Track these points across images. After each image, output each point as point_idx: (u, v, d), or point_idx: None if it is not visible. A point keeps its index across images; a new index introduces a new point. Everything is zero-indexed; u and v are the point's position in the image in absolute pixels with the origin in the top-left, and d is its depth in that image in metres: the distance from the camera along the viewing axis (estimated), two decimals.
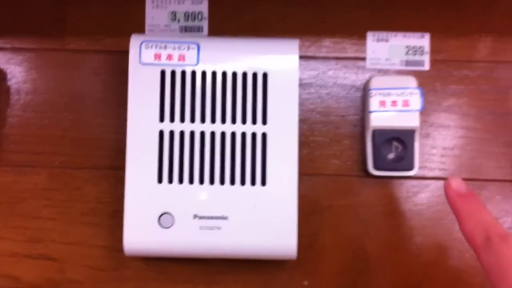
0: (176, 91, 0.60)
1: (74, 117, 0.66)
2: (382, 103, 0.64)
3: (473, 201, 0.51)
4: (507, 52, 0.67)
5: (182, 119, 0.60)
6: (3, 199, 0.65)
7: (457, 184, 0.52)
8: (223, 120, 0.60)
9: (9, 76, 0.67)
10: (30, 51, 0.67)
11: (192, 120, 0.60)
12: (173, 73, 0.60)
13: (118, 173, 0.64)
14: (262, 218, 0.59)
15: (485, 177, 0.66)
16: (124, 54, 0.61)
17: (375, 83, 0.64)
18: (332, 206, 0.66)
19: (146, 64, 0.60)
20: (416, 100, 0.63)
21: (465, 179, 0.63)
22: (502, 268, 0.44)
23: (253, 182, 0.59)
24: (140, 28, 0.67)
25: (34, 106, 0.66)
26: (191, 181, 0.59)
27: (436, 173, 0.66)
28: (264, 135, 0.60)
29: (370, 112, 0.64)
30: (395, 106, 0.63)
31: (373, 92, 0.64)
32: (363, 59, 0.67)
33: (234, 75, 0.60)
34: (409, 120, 0.64)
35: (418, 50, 0.67)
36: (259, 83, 0.60)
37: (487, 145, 0.66)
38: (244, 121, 0.60)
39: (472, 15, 0.67)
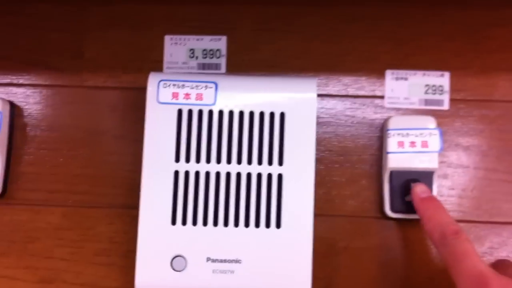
0: (193, 131, 0.60)
1: (89, 154, 0.66)
2: (400, 144, 0.63)
3: (433, 204, 0.58)
4: None
5: (198, 160, 0.59)
6: (16, 238, 0.65)
7: (421, 190, 0.60)
8: (239, 161, 0.59)
9: (25, 112, 0.67)
10: (47, 87, 0.67)
11: (208, 160, 0.59)
12: (190, 113, 0.60)
13: (132, 212, 0.63)
14: (276, 261, 0.58)
15: (504, 220, 0.65)
16: (141, 91, 0.61)
17: (393, 123, 0.64)
18: (348, 248, 0.64)
19: (163, 103, 0.60)
20: (435, 141, 0.62)
21: (483, 222, 0.63)
22: (455, 257, 0.52)
23: (267, 225, 0.58)
24: (158, 65, 0.67)
25: (50, 143, 0.66)
26: (205, 223, 0.58)
27: (454, 215, 0.64)
28: (280, 176, 0.59)
29: (388, 153, 0.63)
30: (413, 147, 0.62)
31: (391, 132, 0.63)
32: (382, 97, 0.67)
33: (251, 114, 0.60)
34: (428, 161, 0.63)
35: (438, 89, 0.66)
36: (276, 123, 0.60)
37: (507, 187, 0.65)
38: (260, 162, 0.59)
39: (492, 53, 0.66)
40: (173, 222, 0.58)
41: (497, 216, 0.65)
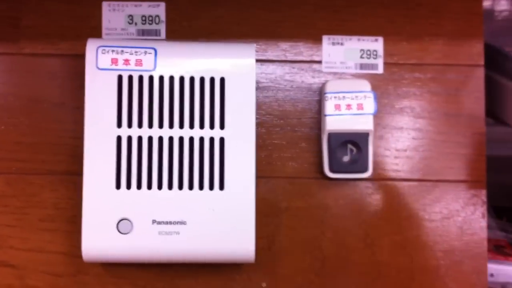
0: (134, 96, 0.60)
1: (30, 122, 0.65)
2: (337, 107, 0.65)
3: None
4: (458, 54, 0.69)
5: (140, 125, 0.60)
6: None
7: None
8: (181, 125, 0.60)
9: None
10: None
11: (150, 125, 0.60)
12: (130, 78, 0.60)
13: (75, 179, 0.64)
14: (221, 222, 0.60)
15: (437, 178, 0.68)
16: (80, 58, 0.62)
17: (330, 86, 0.66)
18: (290, 208, 0.67)
19: (103, 69, 0.60)
20: (370, 104, 0.65)
21: (417, 180, 0.67)
22: None
23: (211, 187, 0.60)
24: (97, 32, 0.67)
25: None
26: (149, 186, 0.59)
27: (390, 175, 0.68)
28: (222, 140, 0.60)
29: (326, 115, 0.65)
30: (349, 109, 0.65)
31: (328, 95, 0.65)
32: (319, 62, 0.68)
33: (192, 79, 0.61)
34: (363, 123, 0.65)
35: (372, 54, 0.69)
36: (216, 88, 0.61)
37: (439, 146, 0.68)
38: (202, 126, 0.60)
39: (423, 19, 0.69)
40: (118, 186, 0.59)
41: (430, 174, 0.68)
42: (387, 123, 0.68)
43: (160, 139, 0.60)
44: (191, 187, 0.60)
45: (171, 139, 0.60)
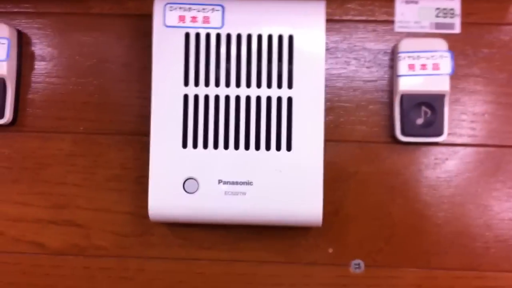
0: (201, 55, 0.59)
1: (98, 82, 0.66)
2: (411, 67, 0.62)
3: None
4: None
5: (207, 83, 0.59)
6: (27, 165, 0.65)
7: None
8: (248, 84, 0.59)
9: (33, 40, 0.66)
10: (53, 15, 0.66)
11: (217, 84, 0.59)
12: (197, 36, 0.59)
13: (142, 139, 0.64)
14: (287, 184, 0.58)
15: None
16: (148, 18, 0.61)
17: (404, 46, 0.63)
18: (358, 172, 0.65)
19: (170, 27, 0.59)
20: (446, 64, 0.62)
21: (494, 146, 0.63)
22: None
23: (278, 147, 0.58)
24: None
25: (58, 71, 0.66)
26: (215, 146, 0.58)
27: (465, 140, 0.64)
28: (289, 100, 0.59)
29: (399, 76, 0.62)
30: (424, 69, 0.62)
31: (402, 55, 0.62)
32: (392, 22, 0.65)
33: (260, 38, 0.59)
34: (439, 84, 0.62)
35: (449, 12, 0.65)
36: (284, 46, 0.59)
37: None
38: (269, 85, 0.59)
39: None
40: (184, 145, 0.58)
41: (509, 140, 0.64)
42: (464, 86, 0.65)
43: (227, 98, 0.59)
44: (257, 147, 0.58)
45: (238, 98, 0.59)
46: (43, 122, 0.65)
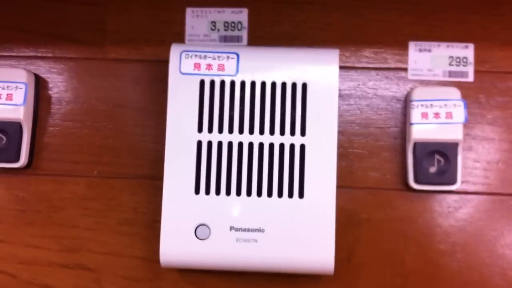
0: (215, 101, 0.60)
1: (113, 126, 0.66)
2: (424, 115, 0.62)
3: None
4: None
5: (221, 130, 0.59)
6: (41, 208, 0.66)
7: None
8: (262, 131, 0.59)
9: (50, 84, 0.67)
10: (71, 60, 0.67)
11: (231, 130, 0.59)
12: (212, 83, 0.60)
13: (156, 183, 0.64)
14: (299, 231, 0.58)
15: None
16: (164, 64, 0.62)
17: (417, 94, 0.63)
18: (371, 219, 0.64)
19: (185, 74, 0.60)
20: (459, 112, 0.62)
21: (508, 194, 0.63)
22: None
23: (290, 194, 0.58)
24: (179, 37, 0.67)
25: (74, 115, 0.67)
26: (228, 192, 0.59)
27: (479, 188, 0.64)
28: (302, 147, 0.59)
29: (412, 124, 0.62)
30: (437, 118, 0.62)
31: (415, 103, 0.63)
32: (405, 69, 0.66)
33: (273, 85, 0.60)
34: (452, 132, 0.62)
35: (462, 61, 0.65)
36: (298, 94, 0.60)
37: None
38: (282, 132, 0.59)
39: None
40: (197, 191, 0.59)
41: None
42: (477, 133, 0.65)
43: (240, 144, 0.59)
44: (270, 194, 0.59)
45: (251, 145, 0.59)
46: (58, 165, 0.66)
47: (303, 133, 0.59)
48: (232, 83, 0.60)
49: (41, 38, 0.68)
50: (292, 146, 0.59)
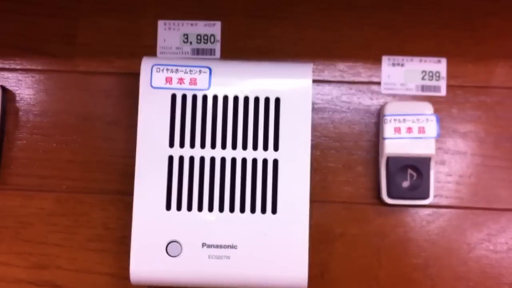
0: (187, 116, 0.59)
1: (82, 140, 0.65)
2: (397, 130, 0.62)
3: None
4: None
5: (192, 145, 0.58)
6: (8, 224, 0.64)
7: None
8: (234, 146, 0.59)
9: (18, 97, 0.66)
10: (39, 72, 0.66)
11: (203, 145, 0.58)
12: (184, 97, 0.59)
13: (126, 199, 0.63)
14: (272, 247, 0.57)
15: (502, 206, 0.64)
16: (134, 76, 0.61)
17: (390, 108, 0.63)
18: (345, 234, 0.64)
19: (157, 88, 0.59)
20: (432, 127, 0.62)
21: (481, 208, 0.63)
22: None
23: (263, 210, 0.58)
24: (151, 50, 0.66)
25: (43, 129, 0.65)
26: (200, 208, 0.58)
27: (451, 202, 0.64)
28: (275, 162, 0.58)
29: (385, 138, 0.62)
30: (410, 132, 0.62)
31: (387, 118, 0.63)
32: (378, 83, 0.66)
33: (246, 99, 0.59)
34: (425, 147, 0.62)
35: (435, 75, 0.66)
36: (271, 108, 0.59)
37: (504, 173, 0.64)
38: (255, 147, 0.59)
39: (489, 40, 0.66)
40: (168, 207, 0.58)
41: (495, 202, 0.64)
42: (450, 147, 0.65)
43: (212, 159, 0.58)
44: (242, 210, 0.58)
45: (223, 160, 0.58)
46: (25, 180, 0.65)
47: (276, 148, 0.58)
48: (204, 98, 0.59)
49: (10, 51, 0.66)
50: (265, 161, 0.58)
